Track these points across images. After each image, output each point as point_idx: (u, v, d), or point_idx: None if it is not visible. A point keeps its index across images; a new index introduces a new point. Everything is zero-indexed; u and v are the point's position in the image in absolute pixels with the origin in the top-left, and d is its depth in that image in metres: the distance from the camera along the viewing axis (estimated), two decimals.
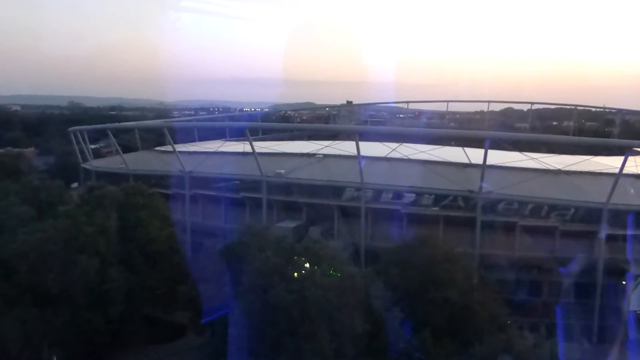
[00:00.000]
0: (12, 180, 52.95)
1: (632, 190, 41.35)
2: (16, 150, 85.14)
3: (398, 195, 44.49)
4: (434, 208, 43.28)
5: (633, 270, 36.47)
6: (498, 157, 46.47)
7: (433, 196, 43.57)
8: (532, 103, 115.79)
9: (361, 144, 43.83)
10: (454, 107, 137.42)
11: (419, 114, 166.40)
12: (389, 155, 49.39)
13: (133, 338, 37.37)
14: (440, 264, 31.44)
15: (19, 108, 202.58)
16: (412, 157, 48.78)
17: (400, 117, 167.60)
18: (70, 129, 61.79)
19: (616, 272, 38.08)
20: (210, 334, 32.61)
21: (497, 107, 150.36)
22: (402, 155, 49.18)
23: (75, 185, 76.90)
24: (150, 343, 39.07)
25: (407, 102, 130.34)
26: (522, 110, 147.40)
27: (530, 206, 41.81)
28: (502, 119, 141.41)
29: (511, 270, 40.35)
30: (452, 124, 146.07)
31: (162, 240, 37.22)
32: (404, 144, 52.67)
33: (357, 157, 43.17)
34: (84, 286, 31.91)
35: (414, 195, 44.11)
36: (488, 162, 40.27)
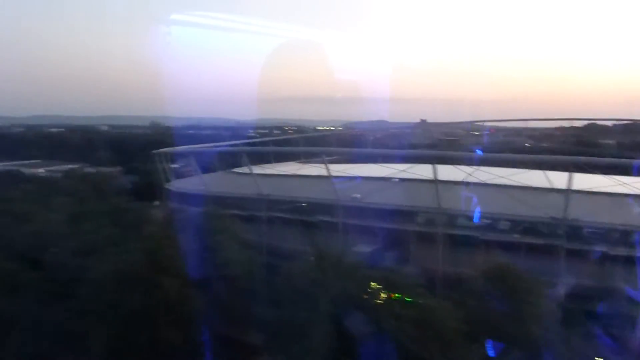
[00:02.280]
0: (101, 200, 56.25)
1: None
2: (104, 170, 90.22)
3: (476, 221, 43.26)
4: (515, 235, 41.71)
5: None
6: (584, 182, 44.29)
7: (513, 222, 42.05)
8: (618, 120, 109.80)
9: (437, 167, 43.11)
10: (534, 123, 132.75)
11: (495, 131, 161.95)
12: (465, 180, 48.21)
13: (209, 357, 38.17)
14: (522, 296, 30.14)
15: (106, 128, 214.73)
16: (490, 181, 47.37)
17: (475, 134, 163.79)
18: (154, 151, 64.58)
19: None
20: (285, 357, 32.81)
21: (580, 123, 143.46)
22: (479, 180, 47.89)
23: (157, 203, 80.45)
24: None
25: (483, 120, 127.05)
26: (606, 126, 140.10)
27: (617, 234, 39.44)
28: (585, 135, 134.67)
29: (599, 302, 38.06)
30: (530, 141, 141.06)
31: (240, 263, 37.94)
32: (481, 167, 51.37)
33: (434, 181, 42.51)
34: (166, 306, 33.01)
35: (492, 221, 42.76)
36: (573, 187, 38.47)
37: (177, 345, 33.33)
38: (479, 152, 61.69)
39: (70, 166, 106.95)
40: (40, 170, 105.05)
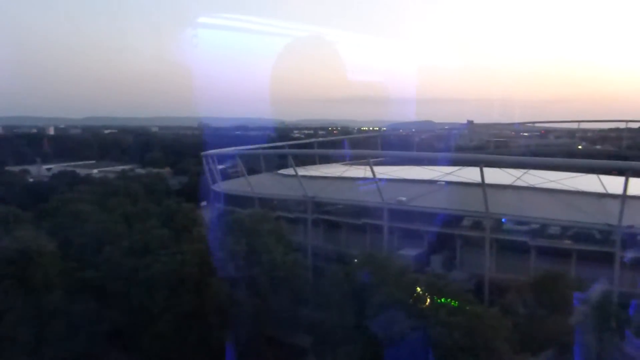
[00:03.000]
0: (152, 201, 58.06)
1: None
2: (155, 170, 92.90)
3: (525, 226, 42.36)
4: (566, 241, 40.58)
5: None
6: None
7: (564, 229, 40.94)
8: None
9: (485, 170, 42.45)
10: (586, 125, 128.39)
11: (545, 132, 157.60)
12: (514, 183, 47.30)
13: (257, 358, 38.85)
14: (571, 305, 29.38)
15: (157, 129, 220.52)
16: (540, 185, 46.33)
17: (525, 135, 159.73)
18: (203, 153, 66.01)
19: None
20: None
21: (636, 125, 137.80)
22: (528, 184, 46.92)
23: (204, 203, 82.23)
24: None
25: (533, 122, 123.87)
26: None
27: None
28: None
29: None
30: (583, 143, 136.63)
31: (286, 265, 38.41)
32: (530, 171, 50.29)
33: (481, 185, 41.86)
34: (216, 307, 33.85)
35: (543, 226, 41.76)
36: (630, 193, 37.11)
37: (226, 345, 34.13)
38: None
39: (122, 167, 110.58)
40: (95, 171, 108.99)
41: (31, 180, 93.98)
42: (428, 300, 28.85)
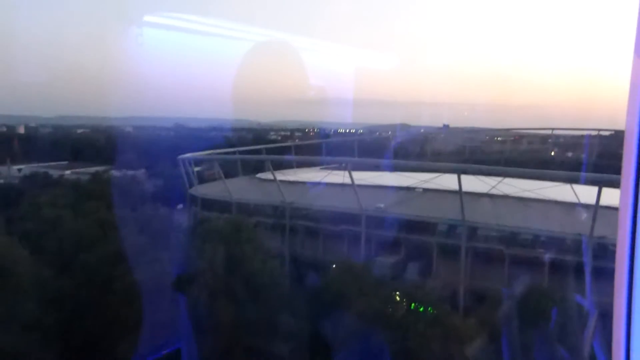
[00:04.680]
0: (127, 205, 57.22)
1: None
2: (130, 173, 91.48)
3: (501, 235, 43.05)
4: (540, 251, 41.34)
5: None
6: (612, 197, 43.73)
7: (538, 238, 41.73)
8: None
9: (463, 177, 43.03)
10: (560, 131, 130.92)
11: (519, 138, 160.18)
12: (490, 192, 48.03)
13: None
14: (549, 318, 29.98)
15: (131, 129, 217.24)
16: (515, 194, 47.18)
17: (499, 140, 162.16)
18: (179, 157, 65.45)
19: None
20: None
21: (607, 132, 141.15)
22: (504, 192, 47.70)
23: (180, 207, 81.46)
24: None
25: (508, 129, 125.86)
26: None
27: None
28: (612, 145, 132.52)
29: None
30: (556, 149, 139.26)
31: (264, 273, 38.32)
32: (506, 179, 51.05)
33: (458, 193, 42.44)
34: (193, 317, 33.57)
35: (518, 235, 42.51)
36: (602, 203, 37.94)
37: (205, 355, 33.92)
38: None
39: (96, 168, 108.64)
40: (67, 172, 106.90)
41: (1, 181, 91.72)
42: (405, 310, 29.14)
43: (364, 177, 55.55)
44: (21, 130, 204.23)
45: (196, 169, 70.52)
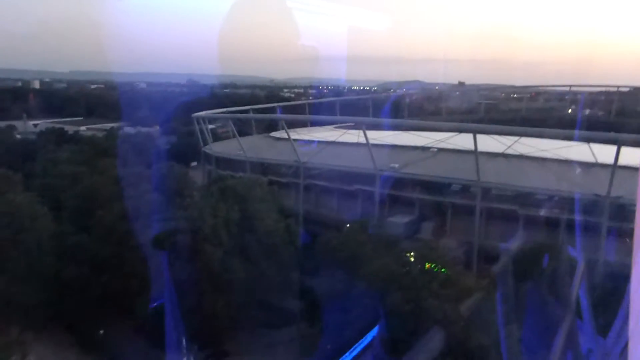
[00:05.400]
0: (142, 162, 57.54)
1: None
2: (144, 130, 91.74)
3: (515, 195, 42.77)
4: (554, 210, 41.05)
5: None
6: (631, 156, 42.99)
7: (553, 198, 41.40)
8: None
9: (478, 137, 42.51)
10: (577, 88, 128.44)
11: (536, 95, 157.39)
12: (506, 152, 47.52)
13: (248, 323, 39.46)
14: (562, 276, 30.14)
15: (144, 86, 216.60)
16: (531, 154, 46.64)
17: (515, 98, 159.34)
18: (194, 115, 65.28)
19: None
20: (321, 325, 33.84)
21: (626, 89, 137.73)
22: (519, 152, 47.17)
23: (194, 164, 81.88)
24: (264, 328, 41.09)
25: (525, 86, 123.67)
26: None
27: None
28: (629, 102, 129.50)
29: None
30: (573, 107, 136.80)
31: (278, 232, 38.64)
32: (522, 138, 50.40)
33: (474, 153, 42.00)
34: (208, 274, 34.10)
35: (531, 196, 42.20)
36: (620, 163, 37.38)
37: (219, 310, 34.58)
38: None
39: (111, 125, 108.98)
40: (83, 128, 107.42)
41: (18, 136, 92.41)
42: (419, 270, 29.30)
43: (378, 137, 55.22)
44: (36, 85, 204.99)
45: (210, 126, 70.48)
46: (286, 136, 53.82)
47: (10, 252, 35.72)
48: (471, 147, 42.06)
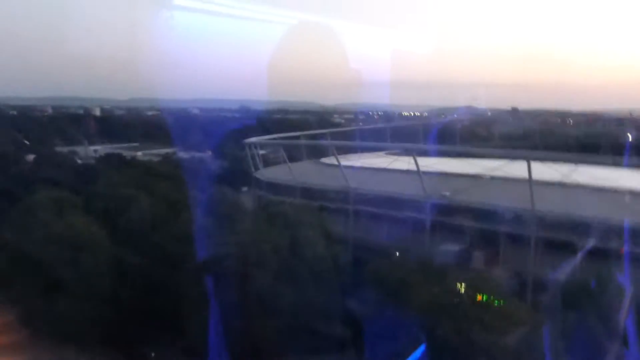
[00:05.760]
0: (195, 186, 59.07)
1: None
2: (197, 155, 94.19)
3: (571, 224, 41.26)
4: (612, 241, 39.25)
5: None
6: None
7: (612, 228, 39.69)
8: None
9: (533, 165, 41.57)
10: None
11: (593, 120, 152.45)
12: (562, 181, 46.18)
13: (295, 348, 39.37)
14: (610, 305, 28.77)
15: (198, 111, 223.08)
16: (588, 183, 45.14)
17: (571, 123, 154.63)
18: (245, 141, 66.68)
19: None
20: (367, 353, 33.37)
21: None
22: (576, 181, 45.77)
23: (245, 189, 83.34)
24: (310, 354, 40.85)
25: (582, 112, 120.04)
26: None
27: None
28: None
29: None
30: (634, 132, 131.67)
31: (327, 258, 38.66)
32: (580, 166, 48.93)
33: (528, 181, 41.02)
34: (257, 299, 34.39)
35: (589, 225, 40.58)
36: None
37: (268, 335, 34.73)
38: None
39: (166, 150, 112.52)
40: (139, 153, 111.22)
41: (79, 161, 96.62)
42: (471, 301, 28.64)
43: (428, 163, 54.71)
44: (97, 112, 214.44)
45: (261, 152, 71.77)
46: (336, 162, 54.19)
47: (69, 272, 37.24)
48: (525, 174, 41.15)
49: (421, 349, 30.34)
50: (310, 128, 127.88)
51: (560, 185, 45.98)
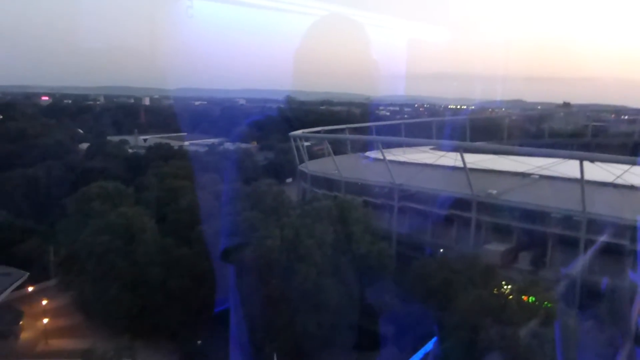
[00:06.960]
0: (240, 178, 60.02)
1: None
2: (243, 146, 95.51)
3: (624, 228, 39.72)
4: None
5: None
6: None
7: None
8: None
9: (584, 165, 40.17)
10: None
11: None
12: (615, 181, 44.51)
13: (339, 343, 39.61)
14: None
15: (244, 102, 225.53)
16: None
17: (628, 119, 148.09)
18: (291, 133, 67.00)
19: None
20: (409, 351, 33.31)
21: None
22: (629, 182, 44.03)
23: (289, 180, 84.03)
24: (354, 349, 41.04)
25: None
26: None
27: None
28: None
29: None
30: None
31: (372, 255, 38.68)
32: (633, 168, 46.91)
33: (580, 181, 39.72)
34: (302, 293, 34.74)
35: None
36: None
37: (311, 330, 35.07)
38: None
39: (212, 140, 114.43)
40: (186, 143, 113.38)
41: (130, 151, 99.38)
42: (517, 304, 28.09)
43: (475, 160, 53.74)
44: (146, 102, 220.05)
45: (306, 144, 71.96)
46: (381, 156, 53.79)
47: (121, 261, 38.62)
48: (576, 174, 39.88)
49: (431, 343, 30.24)
50: (355, 120, 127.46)
51: (614, 187, 44.34)
